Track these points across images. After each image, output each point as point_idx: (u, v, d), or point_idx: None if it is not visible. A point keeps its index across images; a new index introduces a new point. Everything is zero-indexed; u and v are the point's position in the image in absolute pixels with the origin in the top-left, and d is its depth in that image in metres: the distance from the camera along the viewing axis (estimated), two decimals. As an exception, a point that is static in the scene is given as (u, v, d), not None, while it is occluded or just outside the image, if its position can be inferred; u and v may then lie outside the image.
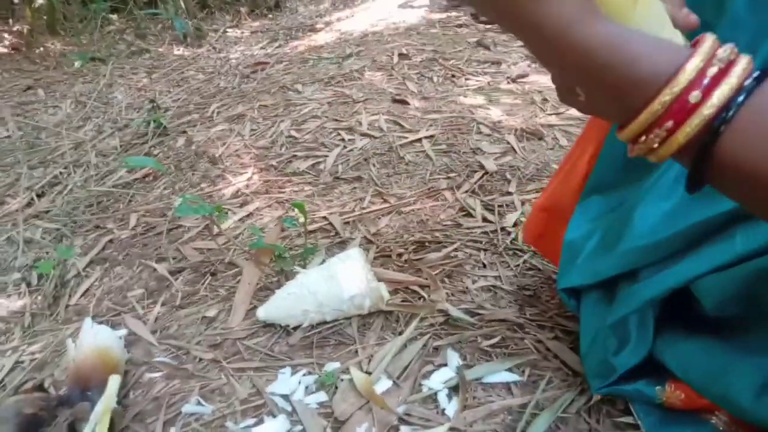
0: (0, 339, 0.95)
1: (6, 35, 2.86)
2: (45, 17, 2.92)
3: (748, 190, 0.32)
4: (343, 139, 1.47)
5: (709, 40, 0.33)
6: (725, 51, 0.32)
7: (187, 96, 2.11)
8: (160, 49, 2.84)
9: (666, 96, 0.32)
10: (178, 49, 2.84)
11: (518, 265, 0.94)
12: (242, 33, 3.11)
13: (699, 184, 0.34)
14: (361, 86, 1.84)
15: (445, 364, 0.74)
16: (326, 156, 1.39)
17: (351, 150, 1.42)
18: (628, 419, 0.64)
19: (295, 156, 1.42)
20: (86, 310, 0.97)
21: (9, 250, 1.21)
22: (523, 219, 1.06)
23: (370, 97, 1.73)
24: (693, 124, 0.31)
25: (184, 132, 1.69)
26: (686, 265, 0.54)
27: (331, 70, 2.08)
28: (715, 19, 0.53)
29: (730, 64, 0.31)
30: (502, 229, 1.04)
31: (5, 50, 2.75)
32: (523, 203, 1.12)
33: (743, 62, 0.31)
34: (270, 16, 3.46)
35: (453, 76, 1.87)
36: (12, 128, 1.95)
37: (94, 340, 0.80)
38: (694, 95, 0.31)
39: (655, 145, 0.34)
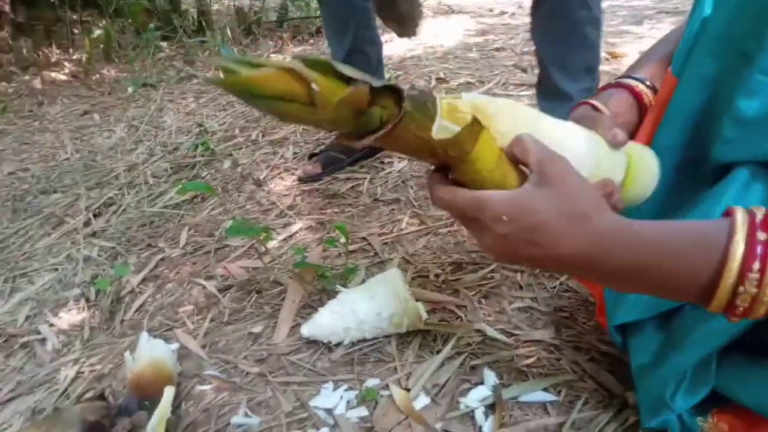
0: (62, 351, 1.01)
1: (66, 63, 3.05)
2: (102, 46, 3.09)
3: None
4: (382, 162, 1.52)
5: (739, 212, 0.42)
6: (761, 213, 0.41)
7: (233, 120, 2.20)
8: (208, 75, 2.97)
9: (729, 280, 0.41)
10: (224, 74, 2.96)
11: (554, 287, 0.96)
12: (284, 58, 3.23)
13: None
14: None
15: (482, 383, 0.76)
16: (365, 178, 1.44)
17: (389, 172, 1.46)
18: (665, 442, 0.64)
19: (336, 178, 1.47)
20: (140, 324, 1.03)
21: (69, 267, 1.29)
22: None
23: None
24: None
25: (230, 155, 1.77)
26: None
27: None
28: (755, 51, 0.52)
29: None
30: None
31: (65, 78, 2.93)
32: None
33: None
34: (311, 41, 3.57)
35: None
36: (70, 151, 2.07)
37: (150, 353, 0.85)
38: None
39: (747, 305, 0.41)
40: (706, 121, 0.60)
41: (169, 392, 0.78)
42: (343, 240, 1.00)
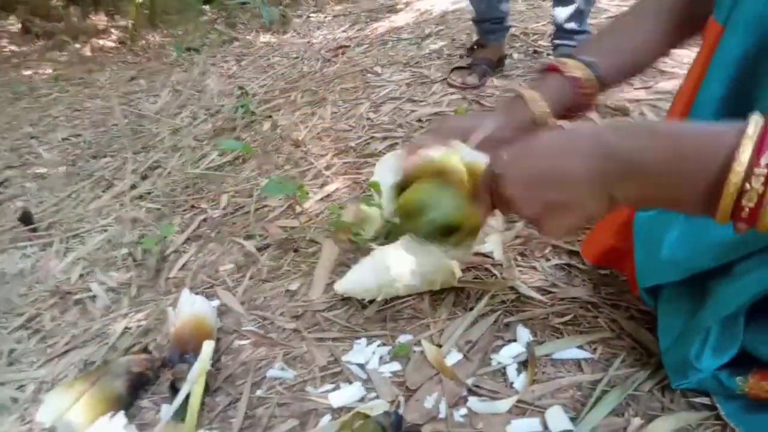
0: (111, 307, 1.07)
1: (113, 30, 3.11)
2: (146, 12, 3.14)
3: None
4: (420, 120, 1.49)
5: (755, 115, 0.41)
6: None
7: (273, 82, 2.21)
8: (249, 37, 2.98)
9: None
10: (265, 36, 2.96)
11: (595, 245, 0.92)
12: (325, 17, 3.18)
13: None
14: (440, 66, 1.84)
15: (515, 340, 0.75)
16: (402, 137, 1.42)
17: (428, 131, 1.43)
18: (704, 400, 0.62)
19: (372, 138, 1.46)
20: (183, 282, 1.07)
21: (118, 228, 1.34)
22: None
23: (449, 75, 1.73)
24: None
25: (270, 117, 1.78)
26: None
27: (410, 51, 2.09)
28: None
29: None
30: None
31: (113, 44, 3.00)
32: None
33: None
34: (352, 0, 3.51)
35: (535, 52, 1.82)
36: (118, 116, 2.14)
37: (192, 309, 0.88)
38: None
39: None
40: (754, 68, 0.55)
41: (208, 346, 0.81)
42: (378, 199, 0.99)
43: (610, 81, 0.71)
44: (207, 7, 3.41)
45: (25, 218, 1.36)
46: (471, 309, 0.82)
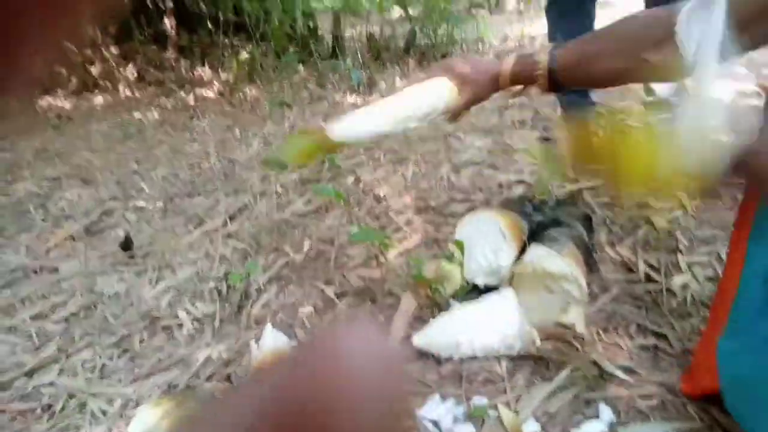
0: (195, 336, 1.12)
1: (215, 82, 3.38)
2: (246, 68, 3.40)
3: None
4: (500, 185, 1.51)
5: None
6: None
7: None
8: (336, 97, 3.15)
9: None
10: (351, 97, 3.12)
11: (684, 329, 0.89)
12: (409, 83, 3.33)
13: None
14: (522, 136, 1.87)
15: (597, 417, 0.73)
16: (482, 201, 1.44)
17: (508, 197, 1.45)
18: None
19: (452, 199, 1.49)
20: (264, 319, 1.11)
21: (206, 262, 1.42)
22: (691, 284, 1.00)
23: (532, 146, 1.76)
24: None
25: (354, 171, 1.85)
26: None
27: (492, 119, 2.14)
28: None
29: None
30: (668, 290, 0.99)
31: (213, 95, 3.25)
32: (690, 266, 1.06)
33: None
34: (436, 67, 3.65)
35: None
36: (213, 160, 2.29)
37: (274, 343, 0.92)
38: None
39: None
40: None
41: None
42: (459, 257, 1.01)
43: (561, 75, 0.83)
44: (301, 67, 3.66)
45: (126, 245, 1.47)
46: (550, 379, 0.81)
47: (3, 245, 1.58)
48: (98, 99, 3.31)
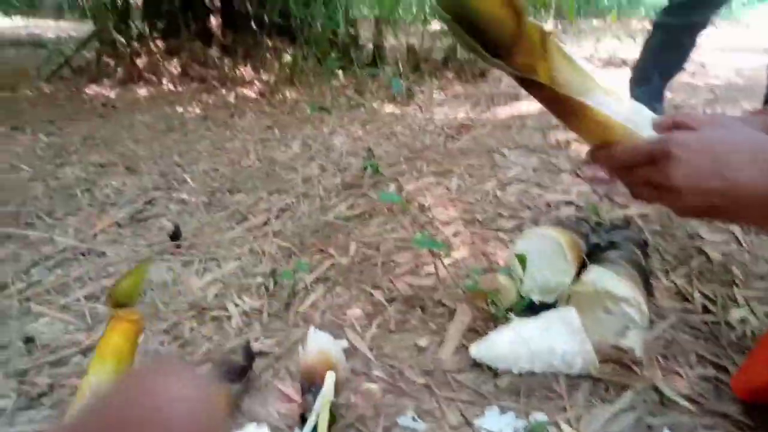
0: (243, 329, 1.13)
1: (257, 83, 3.43)
2: (288, 70, 3.45)
3: None
4: (548, 204, 1.51)
5: None
6: None
7: (396, 149, 2.32)
8: (374, 105, 3.17)
9: None
10: (389, 107, 3.14)
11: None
12: (447, 96, 3.34)
13: None
14: (568, 157, 1.87)
15: (662, 443, 0.72)
16: (530, 218, 1.44)
17: (558, 217, 1.45)
18: None
19: (499, 215, 1.49)
20: (311, 318, 1.12)
21: (250, 258, 1.43)
22: (750, 318, 0.99)
23: (579, 167, 1.75)
24: None
25: (396, 179, 1.86)
26: None
27: (535, 138, 2.14)
28: None
29: None
30: (726, 323, 0.98)
31: (254, 95, 3.30)
32: (748, 301, 1.04)
33: None
34: (474, 83, 3.67)
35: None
36: (253, 159, 2.32)
37: (318, 345, 0.92)
38: None
39: None
40: None
41: (330, 377, 0.83)
42: (519, 271, 1.01)
43: None
44: (341, 73, 3.69)
45: (176, 235, 1.49)
46: (609, 401, 0.80)
47: (52, 226, 1.61)
48: (142, 91, 3.38)
